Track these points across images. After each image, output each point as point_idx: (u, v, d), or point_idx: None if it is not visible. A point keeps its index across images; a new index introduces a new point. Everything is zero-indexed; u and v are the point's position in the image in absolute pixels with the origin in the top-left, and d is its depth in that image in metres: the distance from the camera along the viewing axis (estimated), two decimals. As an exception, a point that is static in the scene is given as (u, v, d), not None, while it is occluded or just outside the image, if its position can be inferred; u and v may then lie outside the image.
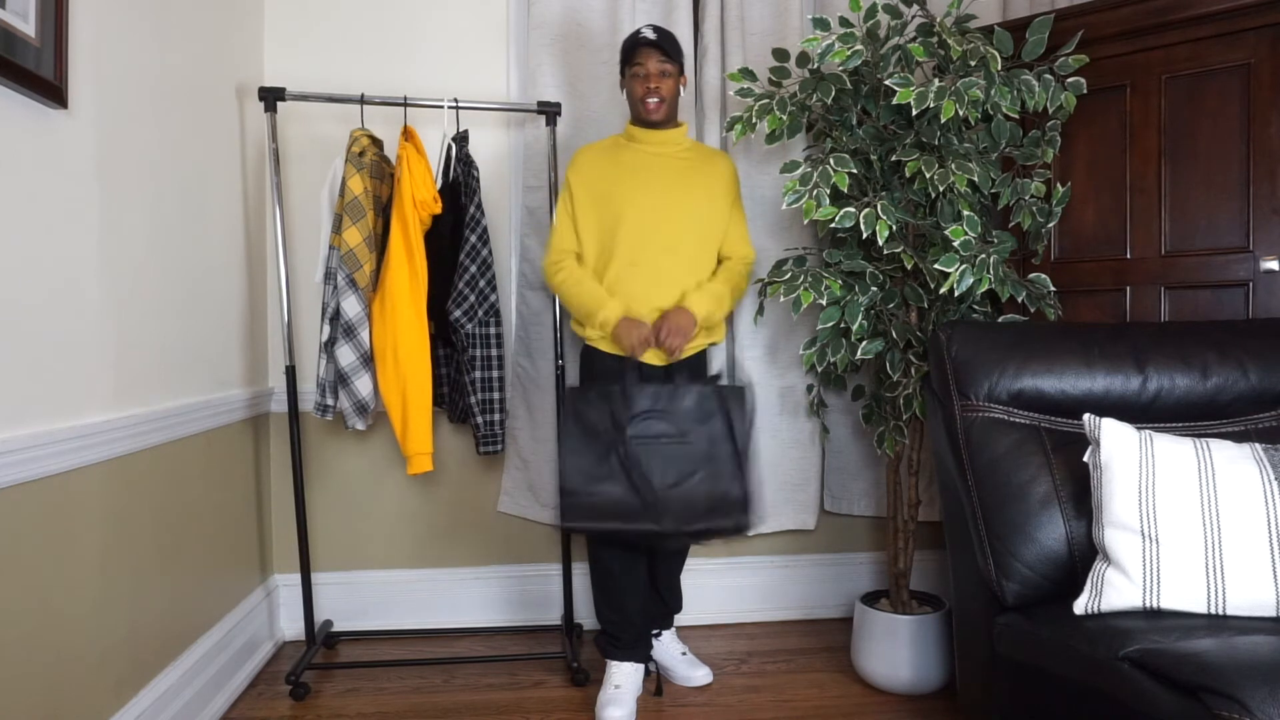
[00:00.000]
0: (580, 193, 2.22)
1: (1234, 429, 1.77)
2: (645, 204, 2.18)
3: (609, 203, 2.19)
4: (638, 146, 2.24)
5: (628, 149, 2.25)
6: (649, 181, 2.20)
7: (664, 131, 2.23)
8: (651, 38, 2.14)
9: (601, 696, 2.13)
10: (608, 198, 2.19)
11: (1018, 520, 1.66)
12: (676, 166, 2.23)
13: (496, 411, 2.41)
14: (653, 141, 2.23)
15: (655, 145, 2.24)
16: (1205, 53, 2.10)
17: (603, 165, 2.23)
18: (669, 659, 2.37)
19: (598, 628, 2.24)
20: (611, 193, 2.19)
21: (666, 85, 2.17)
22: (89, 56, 1.63)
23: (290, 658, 2.50)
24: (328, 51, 2.62)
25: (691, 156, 2.26)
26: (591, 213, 2.21)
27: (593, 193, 2.21)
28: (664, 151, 2.24)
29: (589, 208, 2.21)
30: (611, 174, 2.21)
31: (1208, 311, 2.13)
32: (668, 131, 2.24)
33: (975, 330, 1.89)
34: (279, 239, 2.36)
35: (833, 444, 2.78)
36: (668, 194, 2.19)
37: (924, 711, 2.16)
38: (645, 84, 2.16)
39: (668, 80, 2.17)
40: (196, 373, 2.09)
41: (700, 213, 2.21)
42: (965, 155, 2.08)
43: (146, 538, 1.82)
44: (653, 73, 2.15)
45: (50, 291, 1.50)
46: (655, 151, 2.24)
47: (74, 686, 1.55)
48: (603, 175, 2.21)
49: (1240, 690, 1.15)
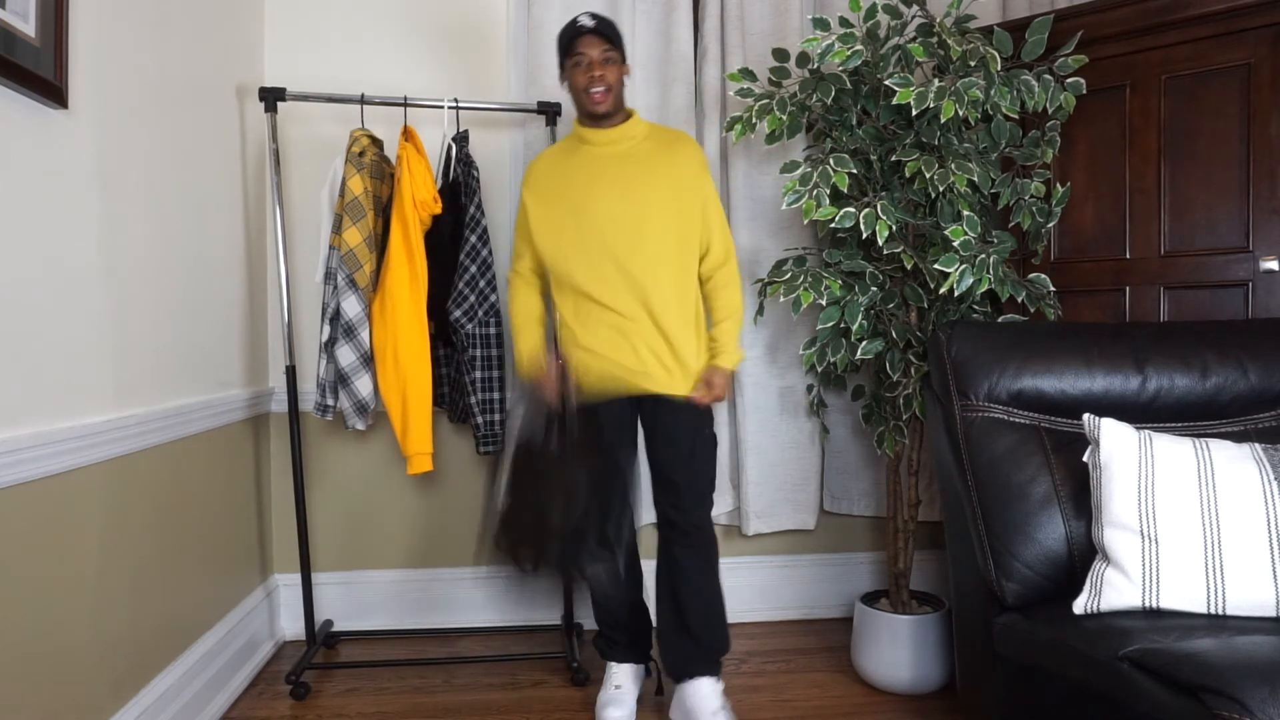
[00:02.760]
0: (535, 208, 2.07)
1: (1233, 429, 1.77)
2: (607, 209, 2.00)
3: (568, 213, 2.03)
4: (589, 149, 2.06)
5: (579, 153, 2.07)
6: (608, 183, 2.02)
7: (615, 128, 2.05)
8: (590, 25, 1.98)
9: (602, 697, 2.13)
10: (566, 208, 2.03)
11: (1018, 520, 1.66)
12: (635, 163, 2.04)
13: (497, 411, 2.41)
14: (604, 141, 2.05)
15: (608, 144, 2.06)
16: (1205, 53, 2.10)
17: (554, 176, 2.07)
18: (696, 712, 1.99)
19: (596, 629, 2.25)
20: (569, 202, 2.03)
21: (611, 72, 1.99)
22: (89, 57, 1.63)
23: (290, 657, 2.50)
24: (328, 51, 2.62)
25: (650, 147, 2.06)
26: (550, 227, 2.05)
27: (548, 205, 2.06)
28: (618, 150, 2.05)
29: (546, 222, 2.06)
30: (566, 181, 2.05)
31: (1207, 311, 2.13)
32: (619, 127, 2.05)
33: (975, 330, 1.89)
34: (279, 239, 2.36)
35: (833, 444, 2.78)
36: (628, 195, 2.01)
37: (924, 711, 2.16)
38: (588, 73, 1.98)
39: (611, 67, 2.00)
40: (197, 373, 2.09)
41: (669, 209, 2.01)
42: (965, 155, 2.08)
43: (146, 538, 1.82)
44: (595, 60, 1.98)
45: (50, 292, 1.50)
46: (609, 151, 2.05)
47: (74, 686, 1.55)
48: (556, 184, 2.06)
49: (1240, 690, 1.15)
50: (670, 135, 2.11)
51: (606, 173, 2.03)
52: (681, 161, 2.06)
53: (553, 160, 2.11)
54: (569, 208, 2.03)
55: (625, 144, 2.06)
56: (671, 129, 2.15)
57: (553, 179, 2.07)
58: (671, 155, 2.06)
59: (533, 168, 2.13)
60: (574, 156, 2.08)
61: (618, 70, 2.02)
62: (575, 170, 2.05)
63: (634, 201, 2.00)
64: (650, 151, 2.06)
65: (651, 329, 2.01)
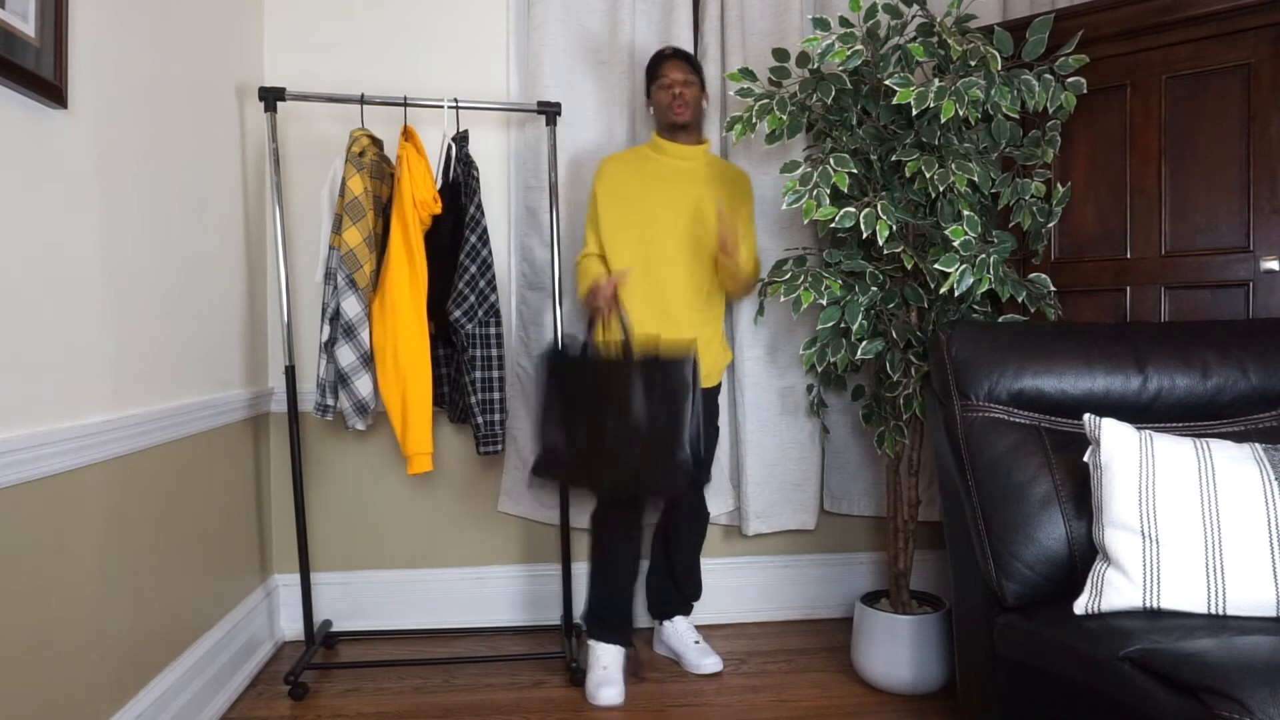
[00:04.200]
0: (605, 202, 2.32)
1: (1234, 429, 1.77)
2: (670, 213, 2.30)
3: (635, 211, 2.30)
4: (663, 158, 2.35)
5: (653, 160, 2.36)
6: (674, 191, 2.31)
7: (689, 146, 2.35)
8: (673, 51, 2.33)
9: (592, 678, 2.21)
10: (634, 207, 2.31)
11: (1018, 520, 1.66)
12: (699, 178, 2.34)
13: (497, 411, 2.41)
14: (677, 154, 2.35)
15: (679, 158, 2.35)
16: (1205, 53, 2.10)
17: (628, 175, 2.33)
18: (681, 645, 2.44)
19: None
20: (637, 202, 2.31)
21: (691, 92, 2.30)
22: (89, 56, 1.63)
23: (290, 658, 2.50)
24: (328, 51, 2.62)
25: (712, 171, 2.37)
26: (617, 221, 2.31)
27: (618, 202, 2.31)
28: (687, 166, 2.35)
29: (614, 217, 2.31)
30: (637, 183, 2.32)
31: (1208, 311, 2.13)
32: (693, 146, 2.36)
33: (975, 330, 1.89)
34: (279, 239, 2.35)
35: (833, 444, 2.78)
36: (691, 204, 2.31)
37: (924, 711, 2.16)
38: (671, 91, 2.29)
39: (691, 89, 2.31)
40: (196, 373, 2.09)
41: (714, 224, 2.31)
42: (965, 155, 2.08)
43: (146, 538, 1.82)
44: (677, 80, 2.28)
45: (50, 291, 1.50)
46: (678, 165, 2.35)
47: (74, 686, 1.55)
48: (628, 185, 2.32)
49: (1240, 690, 1.15)
50: (731, 167, 2.44)
51: (676, 179, 2.33)
52: (736, 189, 2.39)
53: (626, 161, 2.37)
54: (640, 205, 2.31)
55: (694, 162, 2.36)
56: (733, 164, 2.48)
57: (626, 176, 2.33)
58: (729, 182, 2.38)
59: (606, 165, 2.37)
60: (648, 162, 2.36)
61: (696, 92, 2.34)
62: (648, 173, 2.34)
63: (693, 209, 2.31)
64: (713, 174, 2.37)
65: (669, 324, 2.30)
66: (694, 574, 2.50)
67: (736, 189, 2.38)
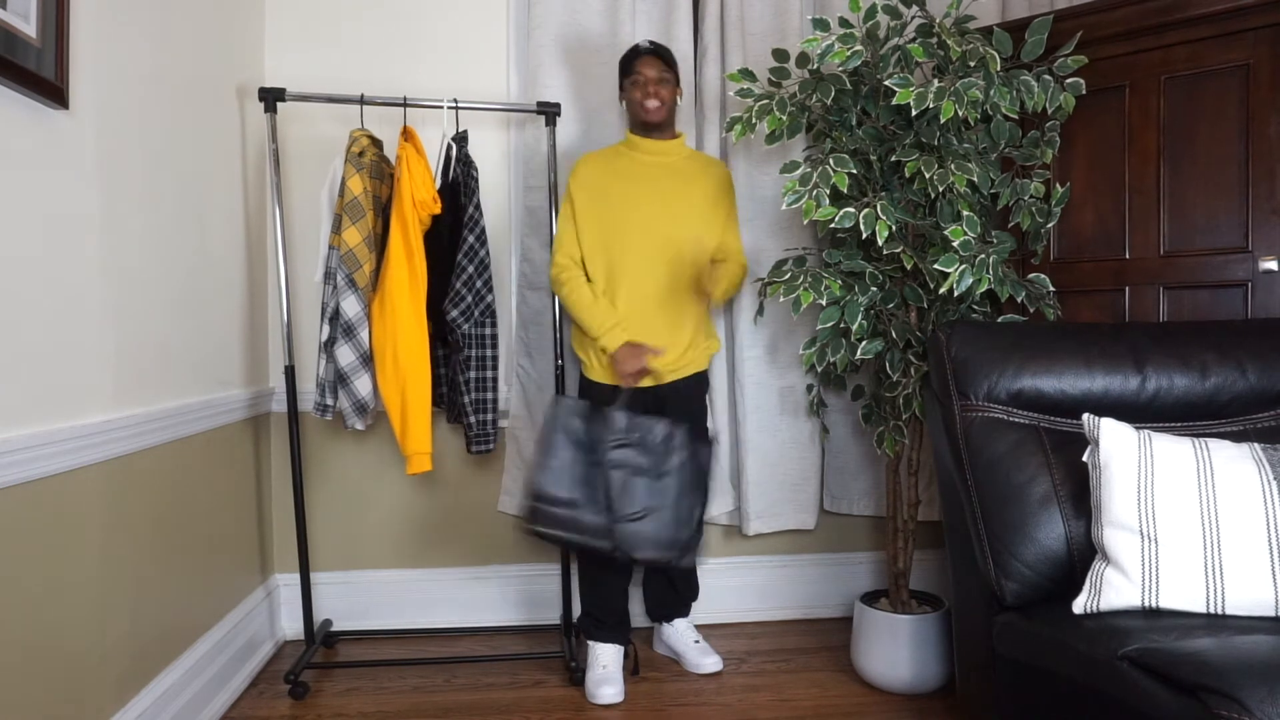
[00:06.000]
0: (581, 200, 2.28)
1: (1233, 429, 1.78)
2: (646, 211, 2.26)
3: (610, 210, 2.27)
4: (637, 155, 2.32)
5: (627, 157, 2.32)
6: (649, 189, 2.28)
7: (664, 141, 2.32)
8: (649, 48, 2.27)
9: (591, 677, 2.22)
10: (609, 205, 2.27)
11: (1017, 520, 1.66)
12: (675, 174, 2.31)
13: (489, 411, 2.42)
14: (652, 150, 2.31)
15: (654, 154, 2.32)
16: (1204, 53, 2.10)
17: (603, 173, 2.30)
18: (681, 645, 2.45)
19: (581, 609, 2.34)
20: (613, 200, 2.27)
21: (665, 91, 2.26)
22: (90, 57, 1.63)
23: (290, 657, 2.50)
24: (328, 51, 2.62)
25: (690, 165, 2.35)
26: (593, 220, 2.27)
27: (593, 200, 2.28)
28: (663, 160, 2.32)
29: (590, 215, 2.28)
30: (612, 181, 2.29)
31: (1206, 311, 2.13)
32: (667, 141, 2.32)
33: (975, 330, 1.89)
34: (279, 239, 2.36)
35: (833, 444, 2.78)
36: (667, 201, 2.28)
37: (924, 711, 2.16)
38: (644, 89, 2.25)
39: (666, 87, 2.27)
40: (196, 372, 2.09)
41: (699, 218, 2.30)
42: (965, 155, 2.08)
43: (147, 538, 1.83)
44: (651, 79, 2.25)
45: (50, 291, 1.50)
46: (654, 160, 2.32)
47: (75, 686, 1.55)
48: (603, 183, 2.29)
49: (1240, 690, 1.15)
50: (708, 159, 2.40)
51: (651, 177, 2.30)
52: (714, 182, 2.35)
53: (601, 159, 2.33)
54: (615, 203, 2.27)
55: (669, 157, 2.33)
56: (709, 156, 2.45)
57: (601, 175, 2.30)
58: (707, 176, 2.34)
59: (581, 164, 2.33)
60: (622, 160, 2.32)
61: (671, 91, 2.29)
62: (623, 171, 2.30)
63: (670, 206, 2.28)
64: (690, 168, 2.34)
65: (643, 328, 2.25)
66: (691, 578, 2.51)
67: (716, 182, 2.35)
